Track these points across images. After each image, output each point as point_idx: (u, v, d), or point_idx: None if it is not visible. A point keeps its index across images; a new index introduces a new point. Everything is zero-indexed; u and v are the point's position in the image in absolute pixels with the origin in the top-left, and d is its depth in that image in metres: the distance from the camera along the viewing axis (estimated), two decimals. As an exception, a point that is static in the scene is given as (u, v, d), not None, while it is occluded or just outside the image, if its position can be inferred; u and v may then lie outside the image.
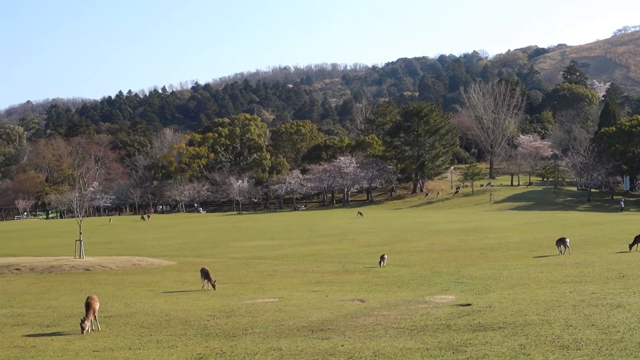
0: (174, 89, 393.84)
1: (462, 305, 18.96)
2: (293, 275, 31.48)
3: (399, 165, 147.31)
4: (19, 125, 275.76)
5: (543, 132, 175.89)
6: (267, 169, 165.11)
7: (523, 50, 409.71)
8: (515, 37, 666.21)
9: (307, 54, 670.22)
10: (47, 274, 36.61)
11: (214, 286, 25.91)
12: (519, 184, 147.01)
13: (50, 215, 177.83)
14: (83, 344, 14.93)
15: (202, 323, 17.63)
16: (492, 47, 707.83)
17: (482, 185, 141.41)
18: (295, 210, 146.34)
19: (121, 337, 15.84)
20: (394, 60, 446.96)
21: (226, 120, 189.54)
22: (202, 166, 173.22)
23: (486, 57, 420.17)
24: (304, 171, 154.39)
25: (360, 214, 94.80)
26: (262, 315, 18.57)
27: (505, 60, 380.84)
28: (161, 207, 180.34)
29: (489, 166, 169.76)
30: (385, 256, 33.66)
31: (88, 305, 16.96)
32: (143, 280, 31.41)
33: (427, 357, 12.09)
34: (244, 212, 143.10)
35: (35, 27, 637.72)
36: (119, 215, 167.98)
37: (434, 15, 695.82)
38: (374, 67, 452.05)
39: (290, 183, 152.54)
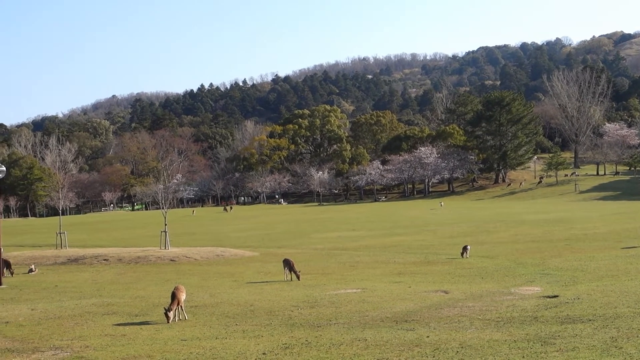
0: (255, 82, 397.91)
1: (548, 297, 18.59)
2: (375, 266, 31.41)
3: (480, 155, 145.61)
4: (105, 119, 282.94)
5: (630, 120, 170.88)
6: (347, 160, 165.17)
7: (608, 36, 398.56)
8: (600, 23, 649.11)
9: (387, 45, 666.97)
10: (134, 264, 37.46)
11: (298, 277, 26.02)
12: (605, 174, 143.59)
13: (136, 207, 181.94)
14: (171, 333, 15.20)
15: (287, 313, 17.73)
16: (576, 33, 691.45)
17: (566, 175, 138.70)
18: (375, 201, 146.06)
19: (208, 327, 16.06)
20: (475, 49, 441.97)
21: (306, 111, 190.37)
22: (282, 158, 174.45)
23: (570, 44, 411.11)
24: (384, 162, 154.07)
25: (441, 204, 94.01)
26: (345, 306, 18.57)
27: (590, 47, 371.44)
28: (243, 198, 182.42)
29: (573, 155, 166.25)
30: (468, 247, 33.25)
31: (173, 296, 17.27)
32: (227, 271, 31.79)
33: (514, 349, 11.90)
34: (325, 204, 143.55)
35: (119, 23, 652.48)
36: (202, 206, 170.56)
37: (516, 3, 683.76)
38: (454, 57, 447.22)
39: (370, 174, 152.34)
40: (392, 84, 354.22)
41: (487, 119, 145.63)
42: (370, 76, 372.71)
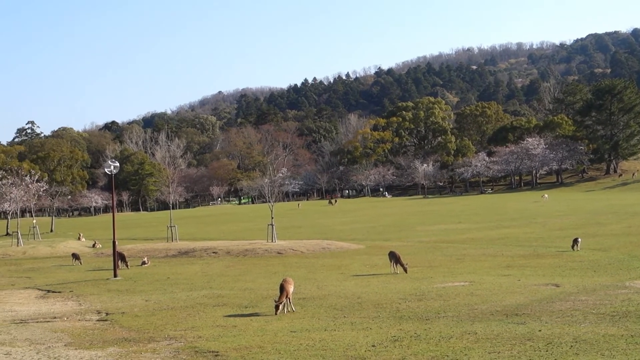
0: (358, 75, 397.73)
1: (666, 291, 17.96)
2: (482, 259, 31.01)
3: (590, 145, 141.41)
4: (211, 115, 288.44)
5: None
6: (452, 152, 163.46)
7: None
8: None
9: (491, 34, 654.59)
10: (242, 257, 38.13)
11: (405, 269, 25.90)
12: None
13: (242, 201, 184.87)
14: (280, 325, 15.39)
15: (394, 306, 17.70)
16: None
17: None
18: (481, 193, 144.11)
19: (316, 319, 16.19)
20: (583, 36, 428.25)
21: (410, 104, 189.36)
22: (386, 150, 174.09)
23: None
24: (490, 153, 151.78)
25: (545, 196, 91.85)
26: (453, 299, 18.41)
27: None
28: (347, 191, 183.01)
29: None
30: (579, 240, 32.39)
31: (282, 288, 17.46)
32: (333, 264, 31.96)
33: (632, 345, 11.52)
34: (430, 196, 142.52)
35: (224, 21, 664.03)
36: (307, 200, 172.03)
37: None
38: (562, 45, 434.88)
39: (476, 166, 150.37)
40: (498, 74, 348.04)
41: (598, 108, 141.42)
42: (474, 67, 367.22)
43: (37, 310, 20.37)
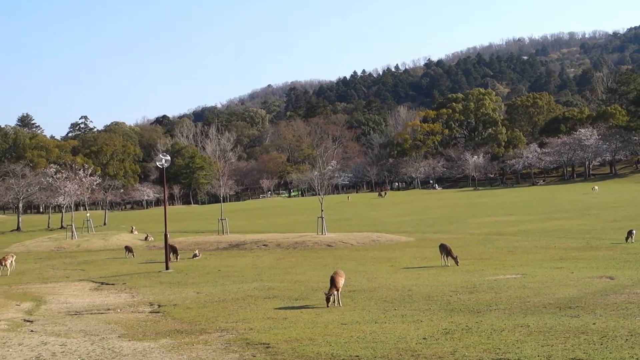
0: (407, 67, 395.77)
1: None
2: (534, 251, 30.66)
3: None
4: (261, 108, 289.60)
5: None
6: (503, 143, 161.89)
7: None
8: None
9: (543, 24, 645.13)
10: (292, 249, 38.27)
11: (456, 262, 25.75)
12: None
13: (292, 194, 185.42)
14: (331, 317, 15.41)
15: (445, 298, 17.61)
16: None
17: None
18: (533, 185, 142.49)
19: (366, 311, 16.18)
20: (637, 24, 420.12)
21: (460, 95, 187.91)
22: (436, 142, 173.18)
23: None
24: (541, 145, 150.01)
25: (595, 188, 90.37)
26: (505, 292, 18.24)
27: None
28: (397, 184, 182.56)
29: None
30: (634, 232, 31.80)
31: (332, 280, 17.47)
32: (383, 256, 31.90)
33: (691, 339, 11.29)
34: (480, 188, 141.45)
35: (273, 15, 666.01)
36: (357, 192, 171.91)
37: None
38: (615, 34, 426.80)
39: (527, 157, 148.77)
40: (549, 64, 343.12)
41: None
42: (525, 57, 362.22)
43: (91, 302, 20.71)
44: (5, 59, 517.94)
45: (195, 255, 36.03)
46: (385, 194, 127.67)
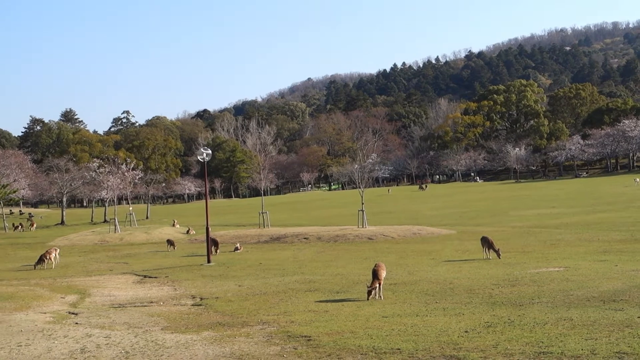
0: (447, 59, 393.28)
1: None
2: (577, 244, 30.31)
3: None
4: (301, 101, 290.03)
5: None
6: (545, 135, 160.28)
7: None
8: None
9: (585, 14, 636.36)
10: (333, 242, 38.28)
11: (498, 254, 25.57)
12: None
13: (333, 187, 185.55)
14: (372, 310, 15.40)
15: (487, 291, 17.50)
16: None
17: None
18: (576, 177, 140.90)
19: (407, 304, 16.15)
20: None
21: (501, 87, 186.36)
22: (477, 135, 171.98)
23: None
24: (584, 136, 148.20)
25: (637, 180, 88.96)
26: (548, 285, 18.06)
27: None
28: (438, 177, 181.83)
29: None
30: (680, 224, 31.33)
31: (374, 273, 17.45)
32: (424, 249, 31.79)
33: None
34: (522, 180, 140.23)
35: (313, 10, 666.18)
36: (397, 185, 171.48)
37: None
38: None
39: (570, 149, 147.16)
40: (592, 55, 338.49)
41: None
42: (568, 48, 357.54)
43: (135, 294, 20.94)
44: (50, 55, 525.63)
45: (236, 249, 36.21)
46: (426, 186, 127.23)
